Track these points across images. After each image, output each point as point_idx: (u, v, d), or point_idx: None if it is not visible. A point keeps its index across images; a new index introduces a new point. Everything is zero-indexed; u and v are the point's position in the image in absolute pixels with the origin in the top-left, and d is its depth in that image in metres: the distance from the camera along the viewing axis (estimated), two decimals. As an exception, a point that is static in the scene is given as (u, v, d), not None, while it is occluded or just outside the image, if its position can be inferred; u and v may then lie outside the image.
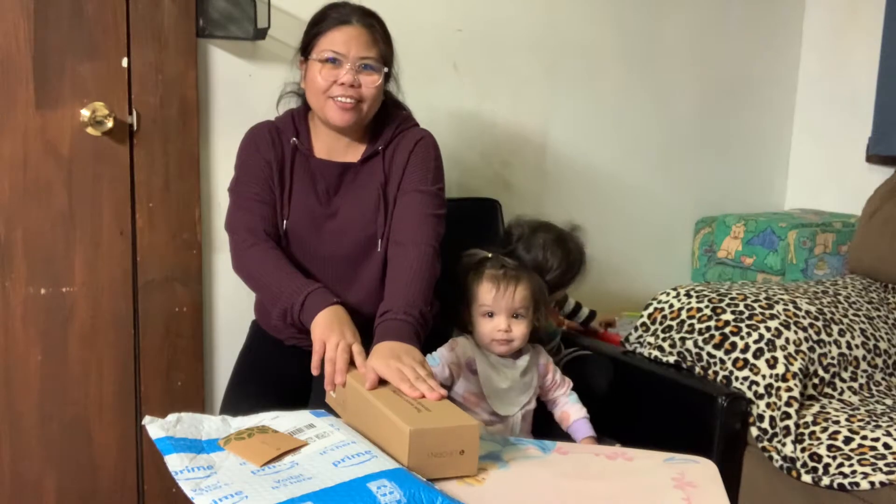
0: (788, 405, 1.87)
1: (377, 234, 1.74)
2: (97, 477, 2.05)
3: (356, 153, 1.77)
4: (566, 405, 1.77)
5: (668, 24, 2.74)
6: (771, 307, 2.01)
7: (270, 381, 1.76)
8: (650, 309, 2.16)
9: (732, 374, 1.94)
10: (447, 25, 2.37)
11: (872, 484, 1.69)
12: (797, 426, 1.86)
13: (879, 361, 2.10)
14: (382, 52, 1.70)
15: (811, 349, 1.97)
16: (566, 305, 2.27)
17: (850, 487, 1.72)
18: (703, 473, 1.36)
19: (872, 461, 1.73)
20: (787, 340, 1.94)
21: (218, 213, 2.07)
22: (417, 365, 1.42)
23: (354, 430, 1.33)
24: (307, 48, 1.72)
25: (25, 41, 1.86)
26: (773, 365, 1.91)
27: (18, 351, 1.95)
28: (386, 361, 1.41)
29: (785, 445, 1.84)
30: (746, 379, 1.92)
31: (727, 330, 1.99)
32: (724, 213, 2.86)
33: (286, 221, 1.73)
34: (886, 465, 1.71)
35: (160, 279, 2.04)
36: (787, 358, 1.92)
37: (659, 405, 2.00)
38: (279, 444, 1.26)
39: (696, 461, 1.42)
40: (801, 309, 2.03)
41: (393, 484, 1.13)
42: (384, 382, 1.40)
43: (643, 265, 2.80)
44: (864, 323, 2.13)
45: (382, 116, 1.78)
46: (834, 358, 2.01)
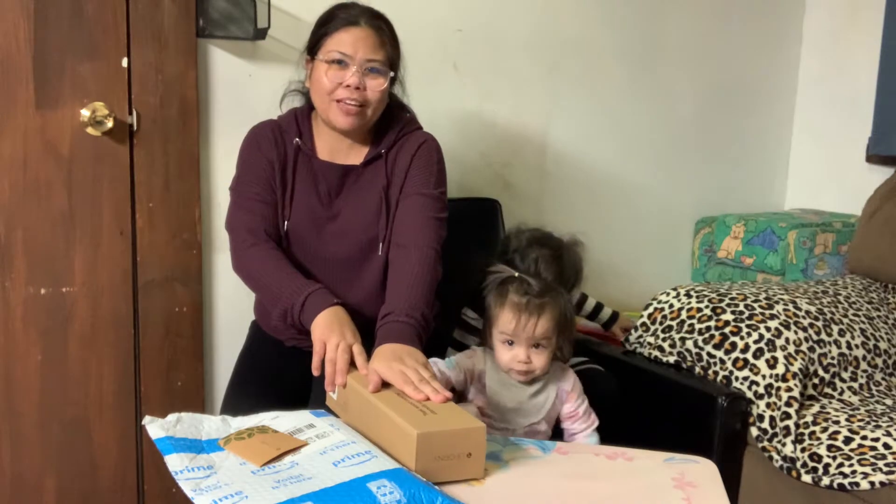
0: (788, 405, 1.87)
1: (379, 236, 1.73)
2: (97, 477, 2.05)
3: (359, 155, 1.76)
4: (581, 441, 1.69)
5: (668, 24, 2.73)
6: (771, 307, 2.01)
7: (270, 381, 1.76)
8: (650, 309, 2.16)
9: (732, 374, 1.94)
10: (447, 25, 2.37)
11: (872, 484, 1.69)
12: (797, 426, 1.86)
13: (879, 361, 2.10)
14: (390, 54, 1.69)
15: (811, 349, 1.97)
16: (585, 305, 2.24)
17: (850, 487, 1.72)
18: (703, 473, 1.36)
19: (872, 461, 1.73)
20: (787, 340, 1.94)
21: (218, 213, 2.07)
22: (420, 367, 1.41)
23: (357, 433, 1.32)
24: (314, 48, 1.71)
25: (25, 41, 1.86)
26: (773, 365, 1.91)
27: (18, 351, 1.95)
28: (388, 364, 1.40)
29: (785, 445, 1.84)
30: (746, 379, 1.92)
31: (727, 330, 1.99)
32: (724, 213, 2.86)
33: (287, 222, 1.72)
34: (886, 465, 1.71)
35: (160, 279, 2.04)
36: (787, 358, 1.92)
37: (659, 405, 2.00)
38: (279, 444, 1.26)
39: (696, 461, 1.42)
40: (801, 309, 2.03)
41: (393, 484, 1.13)
42: (387, 385, 1.39)
43: (643, 265, 2.80)
44: (864, 323, 2.12)
45: (386, 119, 1.77)
46: (834, 358, 2.01)
